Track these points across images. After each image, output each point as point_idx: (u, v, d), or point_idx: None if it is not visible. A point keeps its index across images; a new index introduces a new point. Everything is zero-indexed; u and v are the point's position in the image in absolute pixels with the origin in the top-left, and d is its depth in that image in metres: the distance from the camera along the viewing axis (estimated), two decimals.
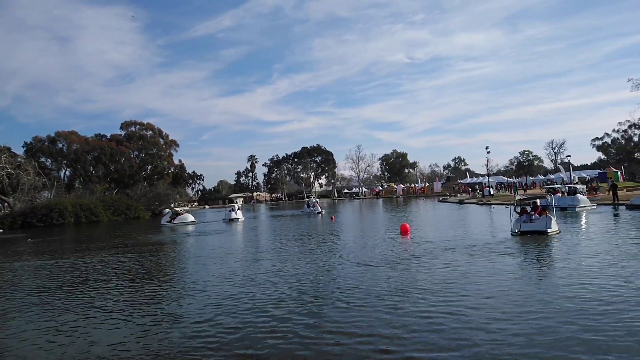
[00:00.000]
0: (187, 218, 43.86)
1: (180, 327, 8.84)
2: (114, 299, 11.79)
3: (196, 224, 42.05)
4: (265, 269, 14.80)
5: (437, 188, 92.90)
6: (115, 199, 67.54)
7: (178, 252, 22.46)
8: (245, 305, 10.15)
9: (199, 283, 13.17)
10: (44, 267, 18.74)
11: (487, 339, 7.04)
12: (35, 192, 65.51)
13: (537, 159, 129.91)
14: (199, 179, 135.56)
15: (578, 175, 73.65)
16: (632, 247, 14.69)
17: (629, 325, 7.27)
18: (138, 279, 14.75)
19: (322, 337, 7.71)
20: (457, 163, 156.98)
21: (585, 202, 32.20)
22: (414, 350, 6.85)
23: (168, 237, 31.05)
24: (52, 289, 13.66)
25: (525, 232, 19.22)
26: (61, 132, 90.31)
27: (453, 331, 7.52)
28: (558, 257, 14.19)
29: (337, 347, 7.21)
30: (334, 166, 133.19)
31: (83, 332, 8.89)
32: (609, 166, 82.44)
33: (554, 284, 10.45)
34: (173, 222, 42.69)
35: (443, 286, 10.75)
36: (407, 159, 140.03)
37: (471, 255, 14.93)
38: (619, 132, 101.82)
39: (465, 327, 7.66)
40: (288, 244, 22.12)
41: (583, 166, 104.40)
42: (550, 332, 7.17)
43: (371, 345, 7.17)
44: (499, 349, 6.62)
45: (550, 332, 7.16)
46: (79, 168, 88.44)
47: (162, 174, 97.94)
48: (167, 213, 46.34)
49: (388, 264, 14.34)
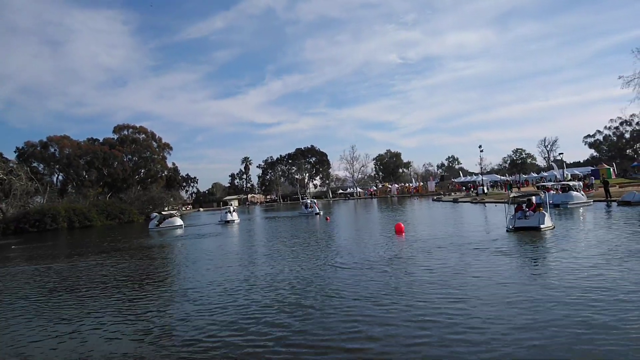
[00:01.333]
0: (174, 222, 43.00)
1: (177, 331, 8.79)
2: (96, 306, 11.70)
3: (184, 227, 41.58)
4: (264, 272, 14.76)
5: (431, 187, 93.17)
6: (108, 203, 67.14)
7: (175, 256, 22.35)
8: (247, 309, 10.11)
9: (199, 286, 13.11)
10: (25, 272, 18.70)
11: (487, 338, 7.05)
12: (28, 198, 64.96)
13: (530, 157, 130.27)
14: (193, 182, 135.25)
15: (571, 173, 74.15)
16: (622, 241, 14.87)
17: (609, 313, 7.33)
18: (129, 284, 14.66)
19: (312, 339, 7.70)
20: (451, 162, 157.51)
21: (580, 198, 32.46)
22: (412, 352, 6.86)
23: (158, 241, 30.86)
24: (34, 295, 13.55)
25: (519, 228, 19.51)
26: (53, 136, 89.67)
27: (452, 328, 7.54)
28: (550, 251, 14.29)
29: (328, 349, 7.19)
30: (328, 167, 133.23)
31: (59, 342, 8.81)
32: (601, 163, 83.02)
33: (547, 277, 10.50)
34: (160, 227, 41.97)
35: (440, 283, 10.79)
36: (401, 159, 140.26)
37: (463, 254, 14.96)
38: (610, 129, 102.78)
39: (466, 325, 7.68)
40: (284, 246, 22.06)
41: (575, 163, 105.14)
42: (539, 325, 7.20)
43: (369, 345, 7.16)
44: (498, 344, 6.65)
45: (540, 326, 7.20)
46: (71, 172, 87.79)
47: (156, 177, 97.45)
48: (154, 217, 45.35)
49: (383, 263, 14.34)
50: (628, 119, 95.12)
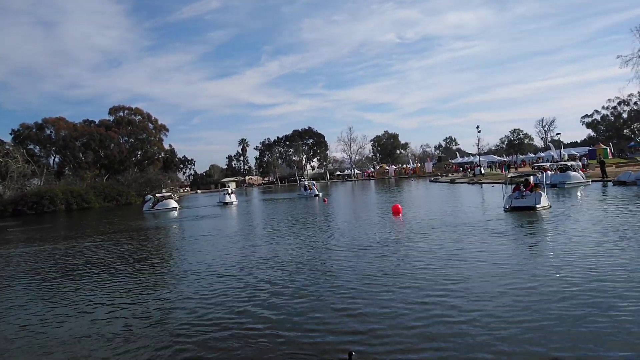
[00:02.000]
0: (169, 204, 42.92)
1: (171, 313, 8.88)
2: (91, 288, 11.79)
3: (182, 209, 41.49)
4: (263, 254, 14.88)
5: (428, 168, 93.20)
6: (106, 185, 67.09)
7: (173, 238, 22.46)
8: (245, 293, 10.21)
9: (198, 269, 13.22)
10: (21, 255, 18.81)
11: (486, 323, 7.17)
12: (25, 180, 64.87)
13: (528, 137, 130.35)
14: (190, 164, 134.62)
15: (568, 153, 74.21)
16: (615, 220, 15.18)
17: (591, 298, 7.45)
18: (126, 266, 14.76)
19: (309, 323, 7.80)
20: (449, 143, 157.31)
21: (577, 178, 32.71)
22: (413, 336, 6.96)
23: (154, 223, 30.94)
24: (27, 277, 13.64)
25: (516, 207, 19.87)
26: (49, 118, 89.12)
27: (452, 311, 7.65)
28: (546, 228, 14.49)
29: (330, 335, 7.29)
30: (325, 148, 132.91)
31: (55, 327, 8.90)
32: (598, 143, 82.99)
33: (539, 255, 10.63)
34: (155, 209, 41.94)
35: (437, 263, 10.91)
36: (399, 140, 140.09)
37: (459, 234, 15.07)
38: (608, 109, 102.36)
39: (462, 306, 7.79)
40: (283, 228, 22.19)
41: (573, 143, 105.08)
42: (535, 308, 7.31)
43: (366, 334, 7.26)
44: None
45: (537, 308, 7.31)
46: (68, 155, 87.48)
47: (153, 159, 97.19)
48: (148, 199, 45.12)
49: (380, 245, 14.48)
50: (626, 98, 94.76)
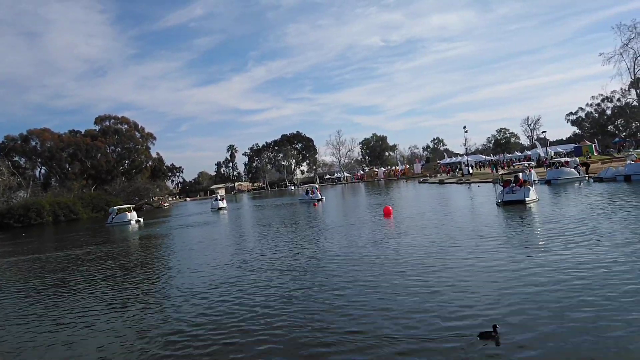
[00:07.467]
0: (124, 217, 41.41)
1: (163, 320, 8.84)
2: (83, 298, 11.68)
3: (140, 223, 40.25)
4: (261, 259, 14.86)
5: (417, 169, 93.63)
6: (93, 196, 66.47)
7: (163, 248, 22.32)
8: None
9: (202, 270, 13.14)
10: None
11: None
12: (11, 193, 63.99)
13: (514, 136, 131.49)
14: (179, 171, 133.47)
15: (554, 150, 75.14)
16: (592, 210, 16.86)
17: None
18: (117, 275, 14.63)
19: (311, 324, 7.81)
20: (436, 144, 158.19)
21: (570, 174, 33.40)
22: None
23: (145, 232, 30.67)
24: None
25: (507, 202, 21.46)
26: (34, 129, 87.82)
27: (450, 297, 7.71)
28: (535, 218, 15.18)
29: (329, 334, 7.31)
30: (314, 152, 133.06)
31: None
32: (583, 140, 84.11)
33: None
34: (114, 222, 40.91)
35: (433, 258, 11.00)
36: (387, 142, 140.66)
37: (449, 231, 15.21)
38: (592, 106, 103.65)
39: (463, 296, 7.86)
40: (280, 234, 22.17)
41: (558, 141, 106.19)
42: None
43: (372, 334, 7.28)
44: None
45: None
46: (54, 166, 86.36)
47: (140, 167, 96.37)
48: (112, 212, 43.63)
49: (372, 246, 14.61)
50: (609, 95, 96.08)
